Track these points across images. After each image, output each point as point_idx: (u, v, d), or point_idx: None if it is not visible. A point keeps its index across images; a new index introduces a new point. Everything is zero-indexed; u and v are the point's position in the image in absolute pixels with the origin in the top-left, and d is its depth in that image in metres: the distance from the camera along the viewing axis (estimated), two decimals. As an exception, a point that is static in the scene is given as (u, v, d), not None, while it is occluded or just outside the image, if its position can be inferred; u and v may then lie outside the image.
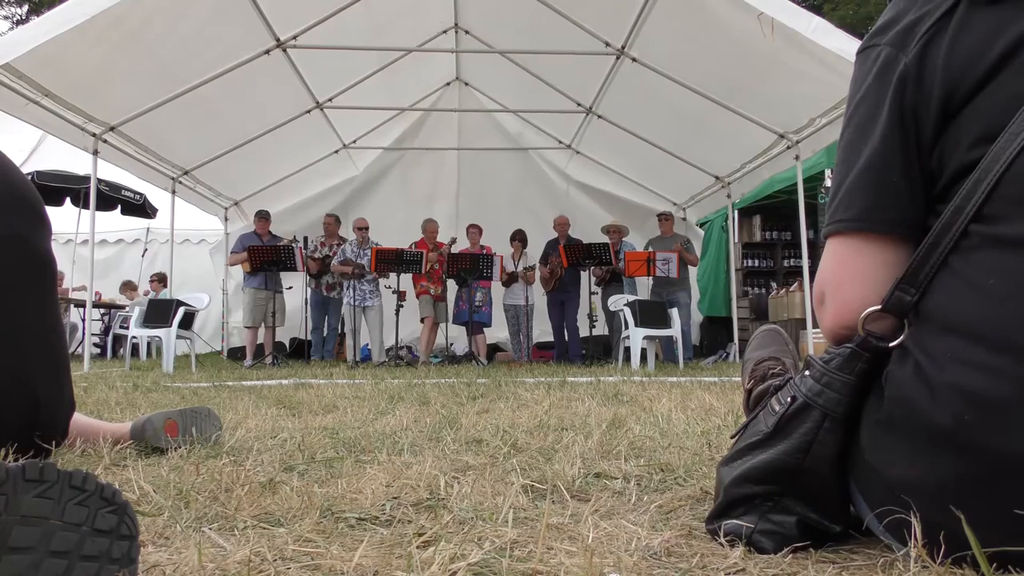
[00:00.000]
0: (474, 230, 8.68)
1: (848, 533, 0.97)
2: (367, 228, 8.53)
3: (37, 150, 11.49)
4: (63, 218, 10.48)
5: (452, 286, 8.64)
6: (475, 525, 1.06)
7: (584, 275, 8.62)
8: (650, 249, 8.44)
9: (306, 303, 8.50)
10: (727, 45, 6.22)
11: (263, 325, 8.29)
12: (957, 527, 0.77)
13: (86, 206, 8.45)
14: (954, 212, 0.85)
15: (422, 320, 8.49)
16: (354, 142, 9.96)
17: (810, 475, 0.92)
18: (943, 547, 0.80)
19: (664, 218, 8.74)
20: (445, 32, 8.82)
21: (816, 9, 16.88)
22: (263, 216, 8.55)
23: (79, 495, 0.71)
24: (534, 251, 8.90)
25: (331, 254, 8.69)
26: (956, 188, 0.85)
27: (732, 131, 7.47)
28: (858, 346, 0.91)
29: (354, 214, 9.68)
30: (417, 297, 8.52)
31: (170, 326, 6.81)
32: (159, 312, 7.03)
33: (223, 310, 10.02)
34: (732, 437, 1.08)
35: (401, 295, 7.96)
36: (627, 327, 7.17)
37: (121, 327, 9.84)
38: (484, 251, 8.49)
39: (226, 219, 9.89)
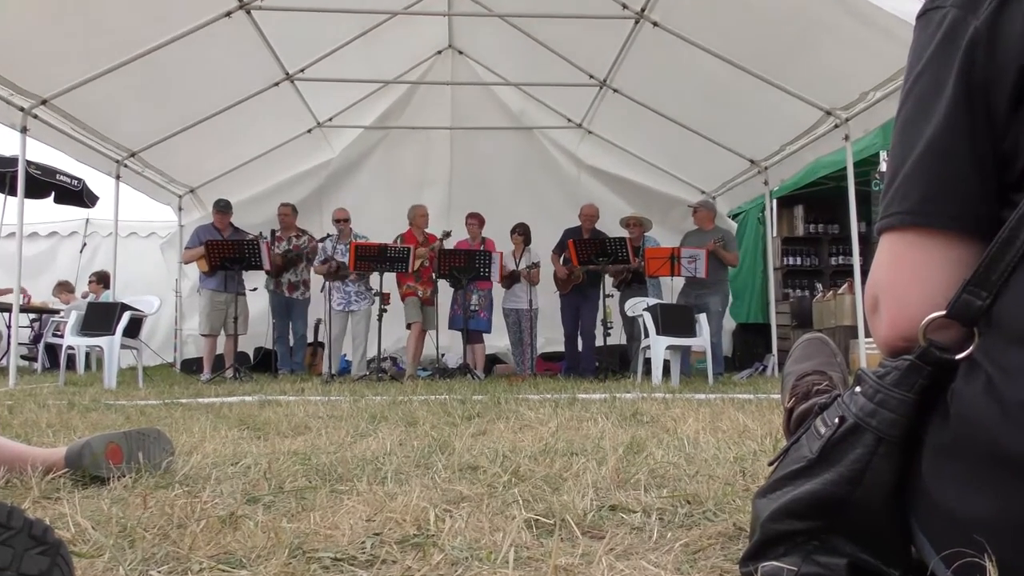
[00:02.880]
0: (474, 220, 8.67)
1: (907, 578, 0.97)
2: (348, 220, 8.54)
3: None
4: (-14, 207, 10.50)
5: (445, 288, 8.64)
6: (470, 566, 1.06)
7: (603, 275, 8.58)
8: (686, 244, 8.38)
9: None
10: (765, 6, 6.23)
11: (223, 333, 8.30)
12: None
13: (13, 193, 8.46)
14: (1033, 202, 0.84)
15: (408, 327, 8.49)
16: (330, 120, 9.97)
17: (862, 509, 0.92)
18: (1021, 595, 0.80)
19: (698, 209, 8.67)
20: (436, -9, 8.85)
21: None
22: (222, 208, 8.54)
23: (3, 533, 0.71)
24: (540, 245, 8.88)
25: (291, 248, 8.70)
26: (1035, 174, 0.85)
27: (770, 107, 7.47)
28: (918, 358, 0.90)
29: (330, 203, 9.69)
30: (402, 300, 8.51)
31: (113, 334, 6.81)
32: (100, 317, 7.02)
33: (176, 315, 10.02)
34: (770, 464, 1.08)
35: (385, 298, 7.97)
36: (647, 335, 7.17)
37: (54, 335, 9.84)
38: (484, 245, 8.48)
39: (180, 209, 9.90)
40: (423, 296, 8.49)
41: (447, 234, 8.43)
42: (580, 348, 8.82)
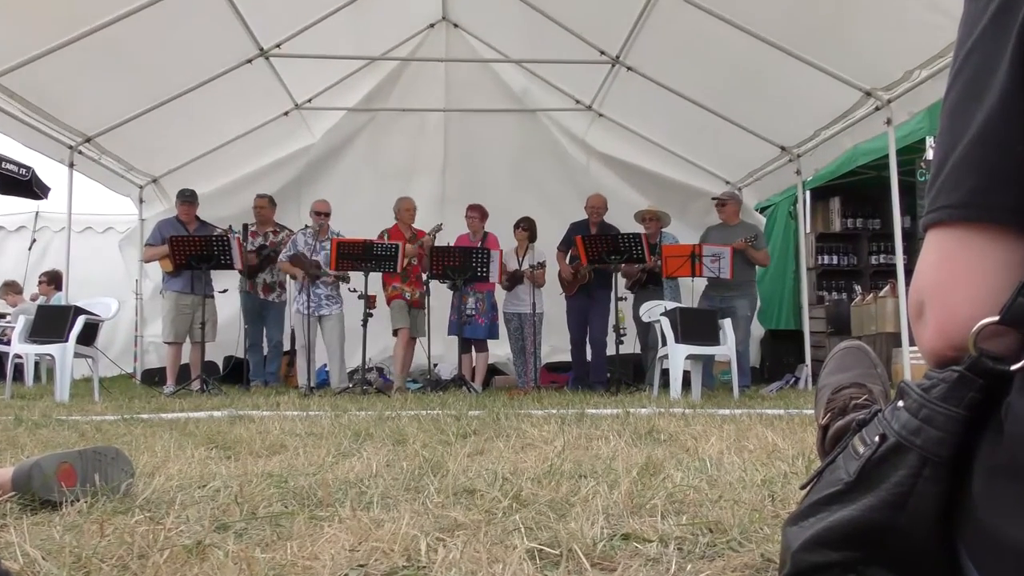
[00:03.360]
0: (475, 213, 8.66)
1: (956, 614, 0.97)
2: (328, 214, 8.53)
3: None
4: (-74, 199, 10.53)
5: (442, 290, 8.63)
6: (466, 602, 1.06)
7: (614, 275, 8.58)
8: (709, 241, 8.35)
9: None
10: (797, -25, 6.24)
11: (188, 340, 8.30)
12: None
13: (-44, 183, 8.47)
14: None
15: (395, 333, 8.49)
16: (309, 101, 9.98)
17: (905, 537, 0.92)
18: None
19: (723, 202, 8.65)
20: (428, -43, 8.88)
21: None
22: (188, 198, 8.55)
23: (-52, 561, 0.71)
24: (545, 242, 8.88)
25: (267, 244, 8.71)
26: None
27: (803, 88, 7.48)
28: (968, 369, 0.90)
29: (309, 195, 9.70)
30: (388, 303, 8.52)
31: (65, 341, 6.82)
32: (51, 322, 7.03)
33: (136, 320, 10.02)
34: (803, 488, 1.08)
35: (370, 301, 7.97)
36: (664, 343, 7.17)
37: (0, 342, 9.85)
38: (486, 241, 8.46)
39: (141, 201, 9.90)
40: (411, 299, 8.48)
41: (438, 228, 8.43)
42: (589, 357, 8.80)
